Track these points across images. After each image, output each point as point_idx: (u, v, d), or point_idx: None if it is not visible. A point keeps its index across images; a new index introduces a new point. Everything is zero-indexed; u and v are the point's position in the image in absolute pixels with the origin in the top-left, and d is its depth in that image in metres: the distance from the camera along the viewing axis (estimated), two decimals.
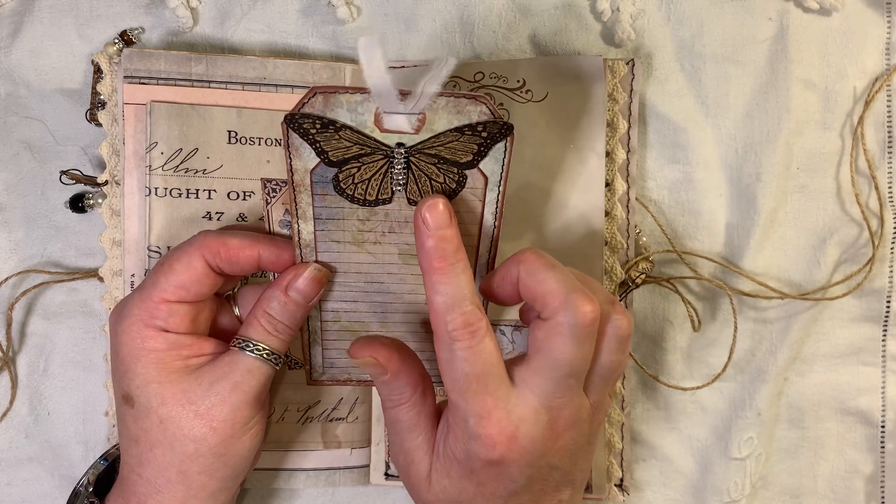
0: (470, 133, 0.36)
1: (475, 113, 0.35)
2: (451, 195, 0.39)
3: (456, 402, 0.37)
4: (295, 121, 0.35)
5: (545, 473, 0.38)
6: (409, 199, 0.39)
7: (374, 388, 0.48)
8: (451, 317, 0.36)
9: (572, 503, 0.40)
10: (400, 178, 0.38)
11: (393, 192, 0.39)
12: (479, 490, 0.38)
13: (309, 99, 0.35)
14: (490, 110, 0.35)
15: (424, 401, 0.40)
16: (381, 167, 0.37)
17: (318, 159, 0.37)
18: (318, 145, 0.36)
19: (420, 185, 0.38)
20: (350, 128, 0.35)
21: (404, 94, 0.34)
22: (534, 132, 0.47)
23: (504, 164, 0.37)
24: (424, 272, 0.37)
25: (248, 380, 0.40)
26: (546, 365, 0.37)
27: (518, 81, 0.47)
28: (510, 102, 0.47)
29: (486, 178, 0.38)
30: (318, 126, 0.36)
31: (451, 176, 0.38)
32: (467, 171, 0.38)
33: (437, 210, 0.37)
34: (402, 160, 0.37)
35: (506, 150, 0.37)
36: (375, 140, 0.36)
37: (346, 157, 0.37)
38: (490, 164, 0.37)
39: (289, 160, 0.37)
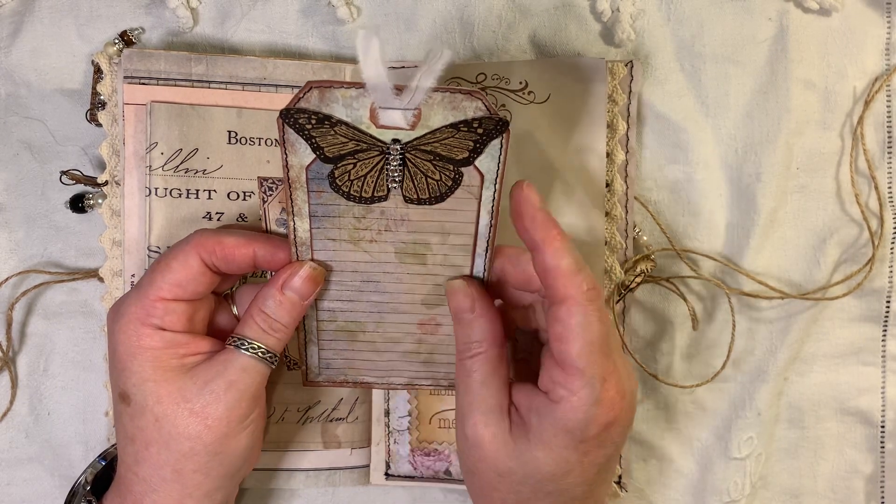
0: (465, 129, 0.35)
1: (471, 109, 0.35)
2: (447, 193, 0.38)
3: (581, 367, 0.37)
4: (290, 115, 0.35)
5: (628, 432, 0.40)
6: (404, 196, 0.39)
7: (374, 390, 0.48)
8: (584, 276, 0.37)
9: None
10: (395, 174, 0.37)
11: (389, 190, 0.38)
12: (581, 459, 0.38)
13: (304, 93, 0.34)
14: (486, 106, 0.34)
15: (501, 361, 0.40)
16: (377, 164, 0.37)
17: (314, 155, 0.37)
18: (313, 141, 0.36)
19: (416, 183, 0.38)
20: (345, 123, 0.35)
21: (399, 90, 0.34)
22: (536, 133, 0.47)
23: (500, 161, 0.37)
24: (542, 243, 0.37)
25: (242, 378, 0.40)
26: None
27: (520, 83, 0.47)
28: (512, 104, 0.47)
29: (482, 175, 0.38)
30: (313, 121, 0.35)
31: (447, 173, 0.38)
32: (463, 169, 0.37)
33: (534, 188, 0.38)
34: (397, 157, 0.37)
35: (501, 147, 0.36)
36: (371, 136, 0.36)
37: (341, 153, 0.37)
38: (486, 162, 0.37)
39: (284, 156, 0.37)
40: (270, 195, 0.43)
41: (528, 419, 0.39)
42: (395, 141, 0.36)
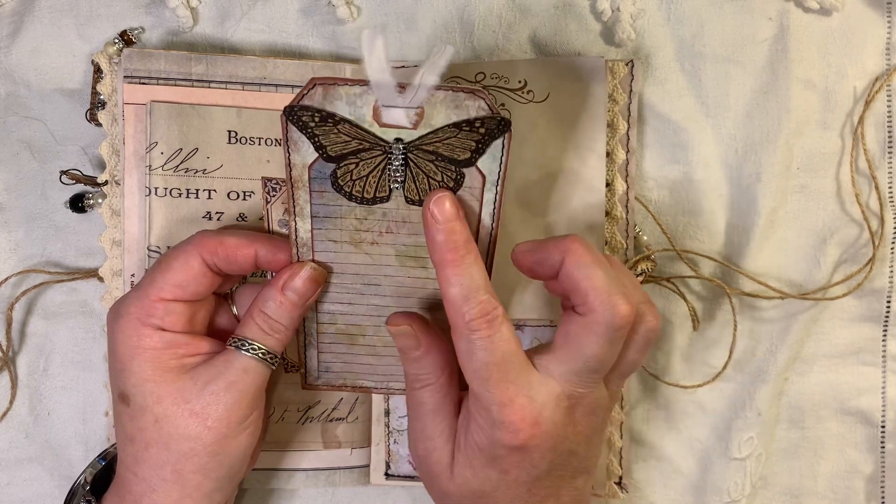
0: (468, 129, 0.35)
1: (473, 108, 0.35)
2: None
3: (478, 392, 0.38)
4: (294, 113, 0.35)
5: (565, 459, 0.39)
6: (406, 197, 0.39)
7: (373, 395, 0.48)
8: (468, 307, 0.37)
9: (585, 490, 0.41)
10: (398, 175, 0.37)
11: (391, 191, 0.38)
12: (503, 478, 0.39)
13: (308, 90, 0.34)
14: (488, 105, 0.34)
15: (451, 385, 0.41)
16: (379, 164, 0.37)
17: (317, 154, 0.37)
18: (316, 139, 0.36)
19: (418, 184, 0.38)
20: (349, 121, 0.35)
21: (403, 87, 0.34)
22: (535, 133, 0.47)
23: (502, 162, 0.37)
24: (438, 266, 0.38)
25: (243, 379, 0.40)
26: (574, 357, 0.38)
27: (519, 82, 0.47)
28: (511, 103, 0.47)
29: (483, 177, 0.38)
30: (316, 119, 0.35)
31: (449, 174, 0.37)
32: (465, 170, 0.37)
33: (443, 204, 0.37)
34: (399, 156, 0.37)
35: (503, 148, 0.36)
36: (374, 135, 0.36)
37: (344, 152, 0.37)
38: (488, 163, 0.37)
39: (287, 155, 0.37)
40: (274, 196, 0.43)
41: (458, 440, 0.40)
42: (398, 140, 0.36)
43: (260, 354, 0.40)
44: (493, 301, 0.37)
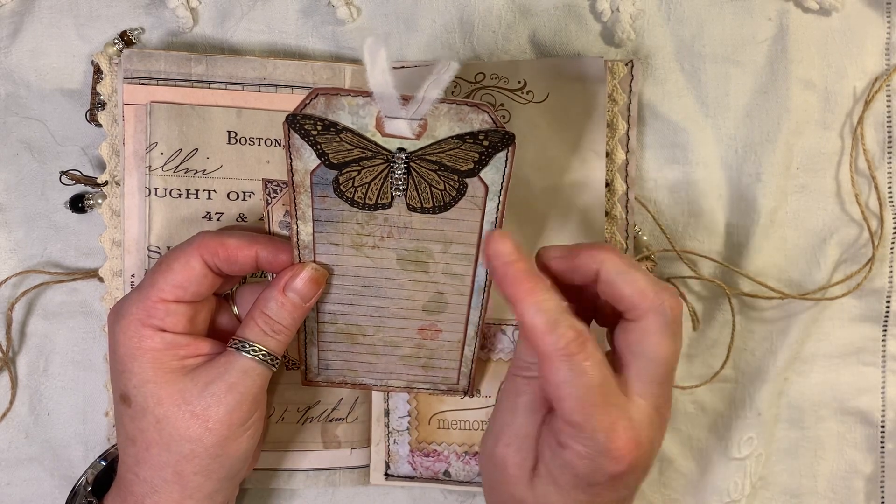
0: (471, 141, 0.36)
1: (477, 121, 0.35)
2: (450, 203, 0.38)
3: (579, 421, 0.36)
4: (296, 121, 0.35)
5: (646, 475, 0.39)
6: (408, 204, 0.39)
7: (373, 391, 0.48)
8: (561, 332, 0.36)
9: None
10: (400, 183, 0.38)
11: (393, 198, 0.38)
12: (592, 500, 0.38)
13: (311, 100, 0.35)
14: (492, 119, 0.35)
15: (545, 396, 0.39)
16: (382, 171, 0.37)
17: (319, 161, 0.37)
18: (318, 147, 0.36)
19: (420, 192, 0.38)
20: (351, 131, 0.35)
21: (406, 99, 0.34)
22: (535, 133, 0.47)
23: (505, 173, 0.37)
24: (515, 300, 0.37)
25: (243, 381, 0.40)
26: (648, 366, 0.37)
27: (519, 82, 0.47)
28: (511, 103, 0.47)
29: (486, 187, 0.38)
30: (319, 127, 0.35)
31: (452, 183, 0.38)
32: (468, 180, 0.38)
33: (505, 240, 0.38)
34: (402, 165, 0.37)
35: (507, 160, 0.36)
36: (376, 144, 0.36)
37: (346, 159, 0.37)
38: (491, 174, 0.37)
39: (289, 161, 0.37)
40: (274, 197, 0.43)
41: (542, 454, 0.38)
42: (401, 150, 0.36)
43: (261, 356, 0.40)
44: (580, 324, 0.36)
